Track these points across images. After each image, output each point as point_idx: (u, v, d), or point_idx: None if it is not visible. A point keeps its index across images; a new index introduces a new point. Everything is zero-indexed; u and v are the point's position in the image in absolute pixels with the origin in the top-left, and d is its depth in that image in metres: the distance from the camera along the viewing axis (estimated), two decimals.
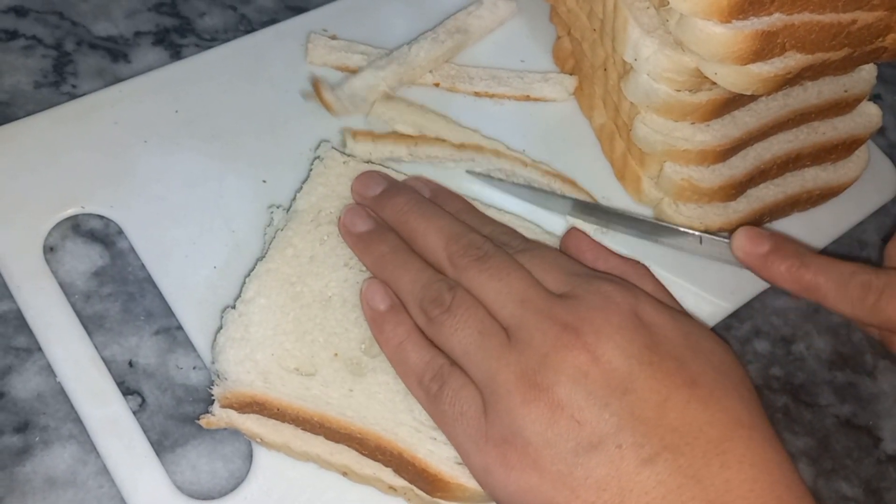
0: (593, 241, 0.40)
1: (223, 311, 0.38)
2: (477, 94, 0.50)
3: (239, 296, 0.38)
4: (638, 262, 0.39)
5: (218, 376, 0.36)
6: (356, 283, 0.39)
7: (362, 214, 0.40)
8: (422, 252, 0.38)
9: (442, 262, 0.37)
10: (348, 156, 0.44)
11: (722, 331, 0.47)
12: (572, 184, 0.47)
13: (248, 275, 0.39)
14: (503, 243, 0.37)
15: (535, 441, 0.31)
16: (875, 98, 0.61)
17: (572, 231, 0.41)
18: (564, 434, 0.30)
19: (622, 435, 0.30)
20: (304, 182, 0.42)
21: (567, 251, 0.40)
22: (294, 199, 0.42)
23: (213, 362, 0.37)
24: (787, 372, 0.47)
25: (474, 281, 0.35)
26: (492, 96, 0.50)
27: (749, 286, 0.47)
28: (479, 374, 0.33)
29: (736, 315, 0.47)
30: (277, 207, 0.42)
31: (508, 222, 0.42)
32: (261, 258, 0.39)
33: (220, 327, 0.37)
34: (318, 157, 0.43)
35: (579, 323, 0.32)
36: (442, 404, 0.33)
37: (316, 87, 0.47)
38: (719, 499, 0.29)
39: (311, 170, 0.43)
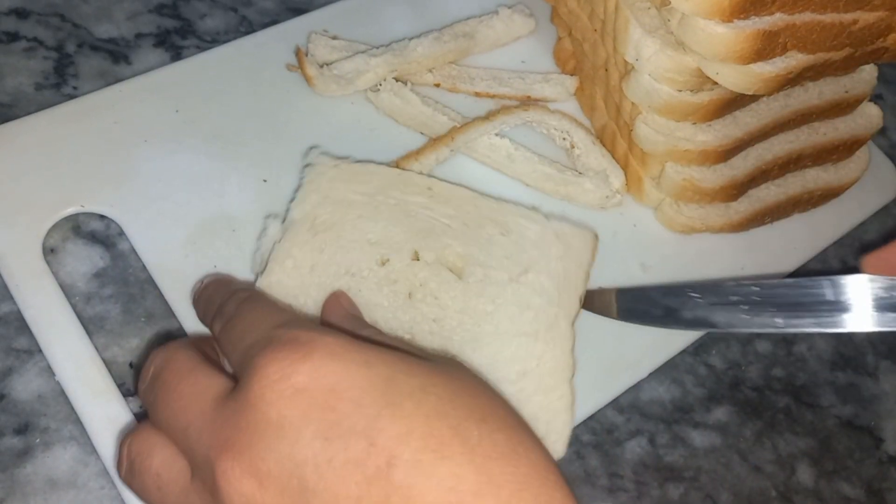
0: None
1: None
2: (478, 94, 0.50)
3: None
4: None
5: None
6: (359, 290, 0.39)
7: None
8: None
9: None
10: (339, 159, 0.43)
11: (724, 332, 0.47)
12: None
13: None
14: (220, 315, 0.33)
15: None
16: (876, 98, 0.61)
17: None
18: None
19: None
20: (296, 191, 0.42)
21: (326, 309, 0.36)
22: (288, 209, 0.41)
23: None
24: (788, 373, 0.47)
25: (154, 414, 0.30)
26: (493, 97, 0.50)
27: None
28: None
29: None
30: (273, 217, 0.42)
31: (496, 207, 0.42)
32: (260, 272, 0.39)
33: None
34: (309, 164, 0.42)
35: (235, 437, 0.26)
36: None
37: (300, 58, 0.47)
38: None
39: (302, 178, 0.42)
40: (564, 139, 0.48)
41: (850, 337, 0.49)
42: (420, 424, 0.25)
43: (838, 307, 0.36)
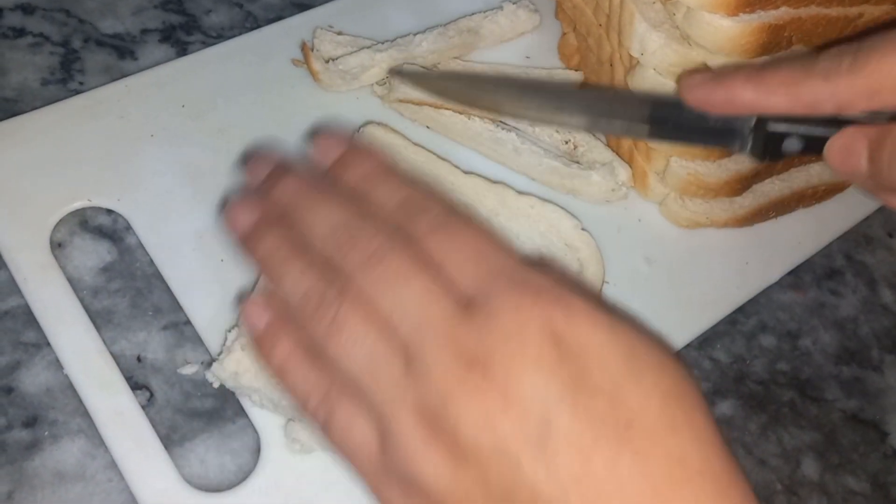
0: None
1: (229, 330, 0.38)
2: None
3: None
4: (549, 262, 0.33)
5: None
6: None
7: (244, 209, 0.33)
8: (314, 245, 0.31)
9: (330, 264, 0.30)
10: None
11: (728, 325, 0.47)
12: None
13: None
14: (421, 213, 0.30)
15: (436, 489, 0.26)
16: None
17: None
18: (469, 488, 0.26)
19: (540, 495, 0.25)
20: None
21: None
22: None
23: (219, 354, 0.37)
24: (793, 367, 0.47)
25: (364, 289, 0.29)
26: None
27: (754, 281, 0.47)
28: (372, 405, 0.28)
29: (742, 310, 0.47)
30: None
31: (472, 186, 0.41)
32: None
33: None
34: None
35: (488, 356, 0.26)
36: (333, 434, 0.29)
37: (305, 54, 0.47)
38: None
39: None
40: (567, 143, 0.48)
41: (855, 331, 0.49)
42: (657, 401, 0.26)
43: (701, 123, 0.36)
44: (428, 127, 0.48)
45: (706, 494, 0.25)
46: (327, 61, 0.48)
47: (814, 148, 0.34)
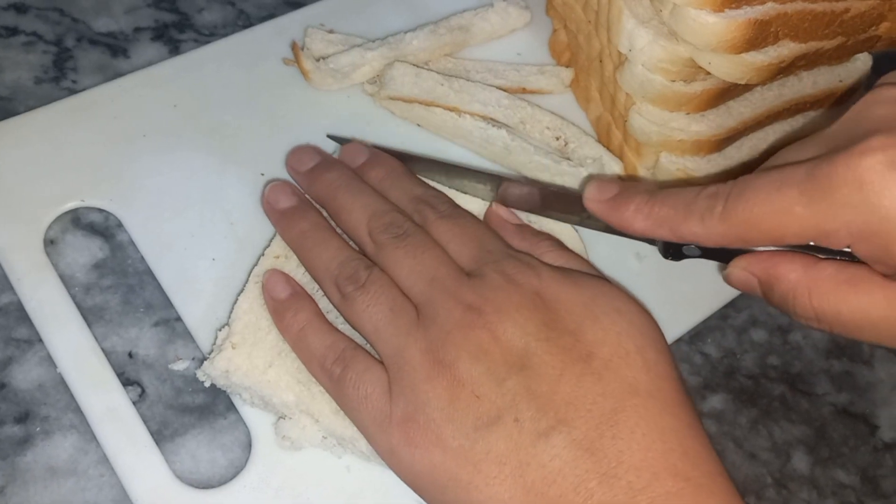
0: (515, 217, 0.41)
1: (219, 329, 0.38)
2: None
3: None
4: (549, 236, 0.40)
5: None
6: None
7: (286, 191, 0.41)
8: (345, 230, 0.39)
9: (363, 240, 0.38)
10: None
11: (719, 320, 0.47)
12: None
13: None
14: (430, 206, 0.38)
15: (437, 417, 0.31)
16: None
17: (497, 207, 0.42)
18: (465, 409, 0.31)
19: (519, 410, 0.31)
20: None
21: (490, 224, 0.40)
22: None
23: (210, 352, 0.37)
24: (784, 361, 0.47)
25: (390, 258, 0.36)
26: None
27: None
28: (388, 350, 0.34)
29: (733, 305, 0.47)
30: None
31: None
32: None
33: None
34: None
35: (482, 303, 0.33)
36: (345, 388, 0.34)
37: (295, 53, 0.47)
38: (612, 470, 0.29)
39: None
40: (558, 138, 0.48)
41: None
42: (612, 337, 0.33)
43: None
44: (419, 125, 0.48)
45: (654, 410, 0.31)
46: (318, 60, 0.48)
47: (713, 255, 0.35)
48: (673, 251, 0.36)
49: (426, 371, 0.32)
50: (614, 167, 0.47)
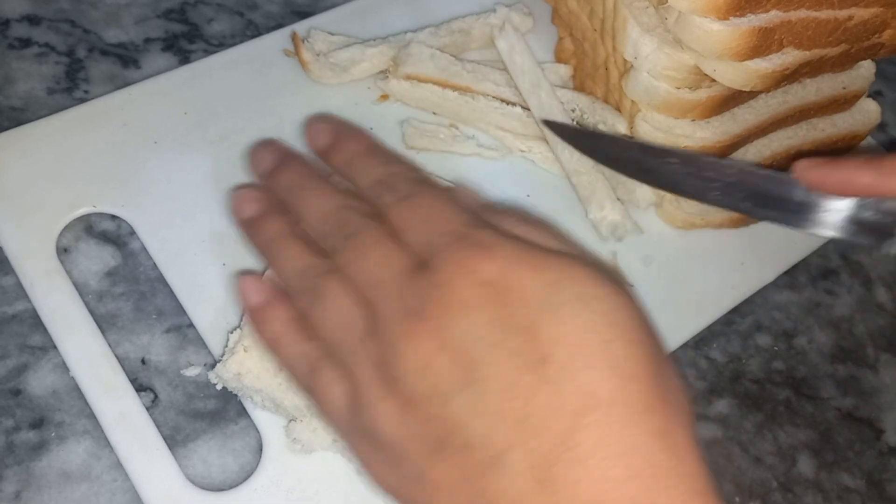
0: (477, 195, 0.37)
1: (231, 331, 0.39)
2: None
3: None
4: (517, 210, 0.35)
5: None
6: None
7: (249, 198, 0.37)
8: (310, 233, 0.35)
9: (321, 244, 0.34)
10: None
11: (724, 325, 0.48)
12: None
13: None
14: (390, 188, 0.34)
15: (389, 441, 0.29)
16: (875, 95, 0.61)
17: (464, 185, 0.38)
18: (415, 433, 0.28)
19: (468, 433, 0.27)
20: None
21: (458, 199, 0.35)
22: None
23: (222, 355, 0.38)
24: (789, 366, 0.48)
25: (342, 262, 0.33)
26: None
27: (750, 281, 0.48)
28: (345, 366, 0.31)
29: (737, 310, 0.48)
30: None
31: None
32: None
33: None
34: None
35: (425, 305, 0.29)
36: (315, 397, 0.32)
37: (296, 44, 0.48)
38: None
39: None
40: (573, 111, 0.48)
41: (851, 330, 0.50)
42: (574, 334, 0.27)
43: (805, 208, 0.37)
44: (434, 113, 0.49)
45: (617, 423, 0.26)
46: (318, 55, 0.49)
47: None
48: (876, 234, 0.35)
49: (378, 389, 0.29)
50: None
